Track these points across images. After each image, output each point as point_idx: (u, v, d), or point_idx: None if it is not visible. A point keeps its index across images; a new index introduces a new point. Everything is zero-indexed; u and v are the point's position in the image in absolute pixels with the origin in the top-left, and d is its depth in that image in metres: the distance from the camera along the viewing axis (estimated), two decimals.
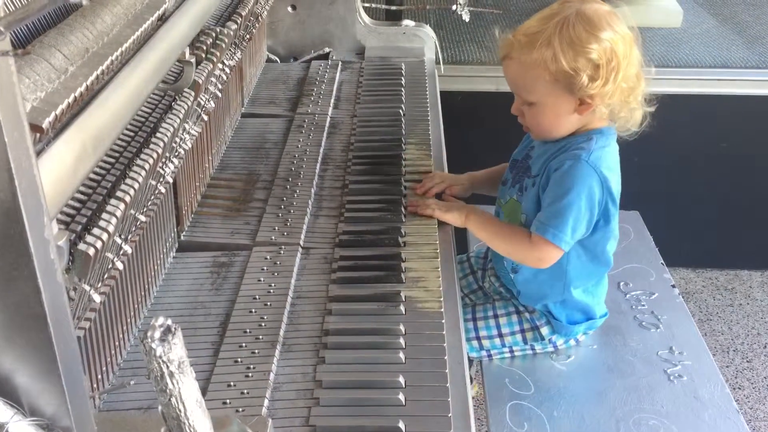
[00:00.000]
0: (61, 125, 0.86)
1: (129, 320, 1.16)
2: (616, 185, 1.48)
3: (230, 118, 1.85)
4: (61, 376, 0.67)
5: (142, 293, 1.23)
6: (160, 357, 0.69)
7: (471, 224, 1.53)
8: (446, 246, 1.47)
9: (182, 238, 1.46)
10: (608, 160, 1.47)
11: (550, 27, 1.39)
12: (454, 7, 2.61)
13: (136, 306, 1.20)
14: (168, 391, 0.70)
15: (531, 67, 1.41)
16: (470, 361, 1.66)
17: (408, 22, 2.44)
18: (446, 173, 1.70)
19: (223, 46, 1.48)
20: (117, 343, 1.11)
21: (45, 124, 0.78)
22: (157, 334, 0.69)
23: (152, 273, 1.28)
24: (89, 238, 0.86)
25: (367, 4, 2.62)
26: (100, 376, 1.05)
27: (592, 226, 1.48)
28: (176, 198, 1.42)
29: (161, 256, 1.33)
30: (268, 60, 2.38)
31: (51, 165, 0.79)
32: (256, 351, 1.17)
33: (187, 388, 0.71)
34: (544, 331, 1.60)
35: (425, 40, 2.42)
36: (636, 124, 1.50)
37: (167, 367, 0.70)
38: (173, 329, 0.70)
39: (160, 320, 0.71)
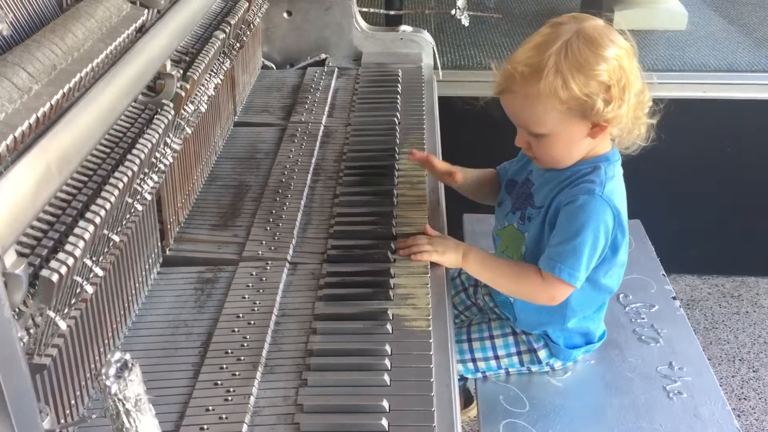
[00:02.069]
0: (24, 146, 0.83)
1: (106, 341, 1.13)
2: (625, 216, 1.43)
3: (221, 127, 1.82)
4: (11, 416, 0.64)
5: (122, 312, 1.20)
6: (116, 394, 0.66)
7: (470, 264, 1.43)
8: None
9: (168, 252, 1.43)
10: (619, 191, 1.42)
11: (552, 53, 1.31)
12: (453, 12, 2.57)
13: (114, 326, 1.17)
14: (124, 430, 0.67)
15: (539, 98, 1.32)
16: (465, 379, 1.62)
17: (405, 28, 2.40)
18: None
19: (210, 57, 1.45)
20: (93, 366, 1.08)
21: (2, 148, 0.74)
22: (112, 371, 0.66)
23: (133, 291, 1.25)
24: (53, 263, 0.83)
25: (365, 9, 2.59)
26: (73, 401, 1.02)
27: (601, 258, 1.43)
28: (161, 213, 1.39)
29: (143, 273, 1.30)
30: (264, 67, 2.35)
31: (9, 190, 0.76)
32: (237, 373, 1.13)
33: (145, 427, 0.68)
34: (542, 354, 1.56)
35: (423, 45, 2.38)
36: (642, 139, 1.45)
37: (123, 405, 0.66)
38: (130, 365, 0.67)
39: (117, 355, 0.67)
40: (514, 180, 1.57)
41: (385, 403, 1.07)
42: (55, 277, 0.82)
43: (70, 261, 0.85)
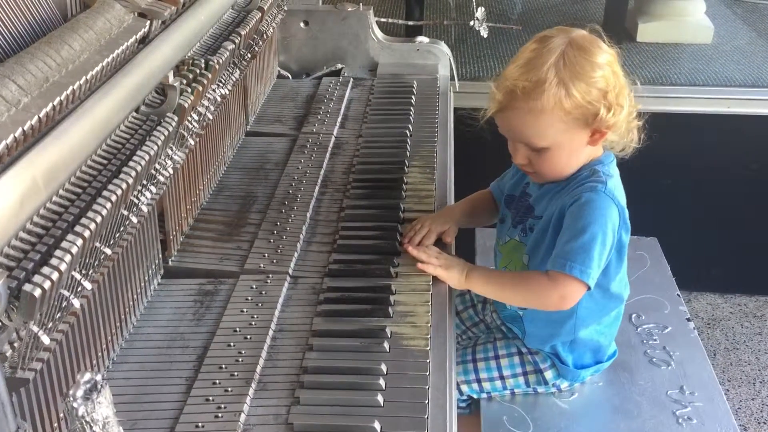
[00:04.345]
0: (10, 160, 0.83)
1: (100, 354, 1.13)
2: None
3: (231, 137, 1.82)
4: None
5: (117, 325, 1.19)
6: (83, 417, 0.65)
7: (473, 284, 1.41)
8: None
9: (170, 263, 1.43)
10: (620, 189, 1.43)
11: (551, 65, 1.31)
12: (471, 23, 2.55)
13: (109, 339, 1.16)
14: None
15: (543, 111, 1.32)
16: (470, 398, 1.59)
17: (422, 39, 2.38)
18: (432, 217, 1.54)
19: (217, 67, 1.45)
20: None
21: None
22: (80, 392, 0.65)
23: (130, 303, 1.24)
24: (37, 278, 0.82)
25: (384, 20, 2.58)
26: (62, 414, 1.01)
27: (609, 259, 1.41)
28: (163, 223, 1.38)
29: (142, 284, 1.29)
30: (280, 76, 2.35)
31: None
32: (230, 389, 1.12)
33: None
34: (548, 375, 1.53)
35: (439, 56, 2.36)
36: (636, 142, 1.45)
37: (90, 427, 0.65)
38: (99, 386, 0.66)
39: (86, 376, 0.66)
40: (512, 195, 1.56)
41: (377, 425, 1.05)
42: (37, 292, 0.81)
43: (55, 275, 0.84)
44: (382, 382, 1.12)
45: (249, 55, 1.76)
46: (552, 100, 1.31)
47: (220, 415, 1.08)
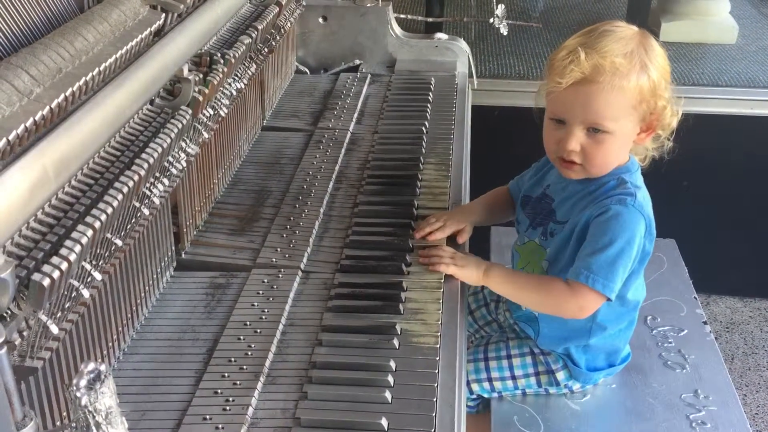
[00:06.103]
0: (21, 150, 0.83)
1: (110, 344, 1.13)
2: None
3: (247, 132, 1.82)
4: None
5: (129, 316, 1.20)
6: (86, 407, 0.65)
7: (491, 280, 1.39)
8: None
9: (183, 255, 1.43)
10: (647, 199, 1.40)
11: (634, 49, 1.31)
12: (491, 20, 2.54)
13: (120, 330, 1.16)
14: None
15: (624, 91, 1.30)
16: (480, 397, 1.58)
17: (441, 35, 2.37)
18: (449, 214, 1.54)
19: (233, 61, 1.45)
20: None
21: None
22: (84, 382, 0.65)
23: (142, 294, 1.25)
24: (46, 268, 0.83)
25: (403, 16, 2.57)
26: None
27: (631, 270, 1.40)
28: (177, 216, 1.39)
29: (154, 276, 1.29)
30: (298, 71, 2.35)
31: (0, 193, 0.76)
32: (238, 382, 1.12)
33: None
34: (560, 376, 1.51)
35: (458, 53, 2.35)
36: (657, 150, 1.44)
37: (93, 417, 0.65)
38: (103, 376, 0.66)
39: (90, 366, 0.66)
40: (529, 195, 1.54)
41: (384, 422, 1.04)
42: (46, 282, 0.82)
43: (64, 265, 0.84)
44: (390, 378, 1.12)
45: (266, 50, 1.76)
46: (635, 82, 1.30)
47: (228, 408, 1.08)
